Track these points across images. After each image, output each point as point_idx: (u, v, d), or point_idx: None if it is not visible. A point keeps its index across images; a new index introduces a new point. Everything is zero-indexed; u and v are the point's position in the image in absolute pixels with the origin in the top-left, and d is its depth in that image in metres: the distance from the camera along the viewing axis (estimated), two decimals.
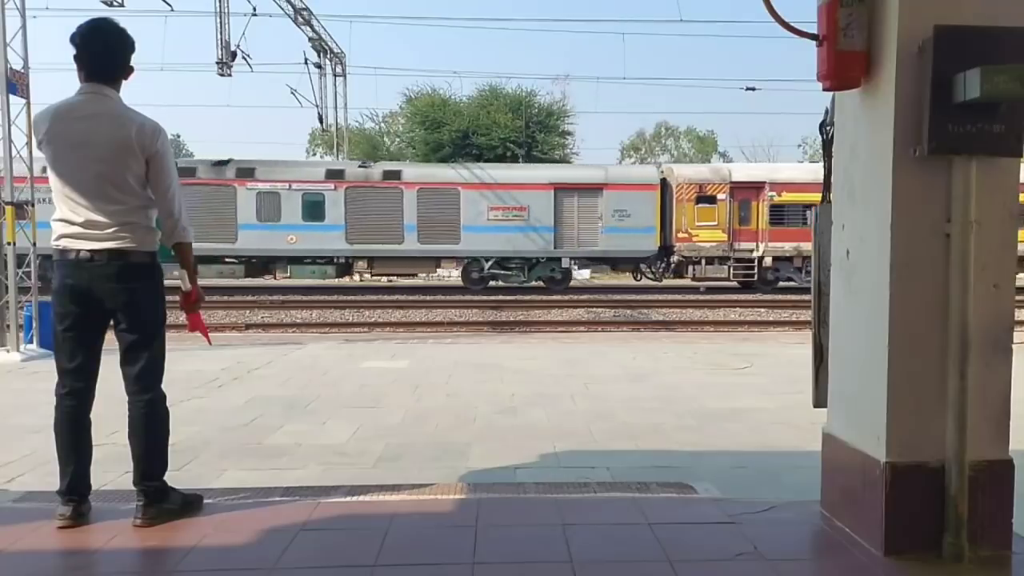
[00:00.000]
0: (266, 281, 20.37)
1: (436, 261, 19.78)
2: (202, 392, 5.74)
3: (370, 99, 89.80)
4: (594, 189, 19.33)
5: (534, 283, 19.83)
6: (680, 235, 19.42)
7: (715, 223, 19.43)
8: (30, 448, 4.06)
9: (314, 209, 19.00)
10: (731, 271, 19.72)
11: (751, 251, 19.51)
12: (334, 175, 19.22)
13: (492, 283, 19.76)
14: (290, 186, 18.99)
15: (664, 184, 19.67)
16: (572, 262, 20.51)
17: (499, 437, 4.42)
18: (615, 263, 20.55)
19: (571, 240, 19.39)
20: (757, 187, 19.41)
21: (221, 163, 19.24)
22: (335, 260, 19.45)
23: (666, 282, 21.35)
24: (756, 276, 19.52)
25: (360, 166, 19.97)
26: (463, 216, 19.07)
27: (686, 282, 21.06)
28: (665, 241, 19.60)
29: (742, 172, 20.46)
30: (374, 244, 19.15)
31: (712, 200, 19.38)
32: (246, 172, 19.10)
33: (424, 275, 21.52)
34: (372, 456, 4.02)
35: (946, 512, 2.46)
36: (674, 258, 19.65)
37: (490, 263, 19.42)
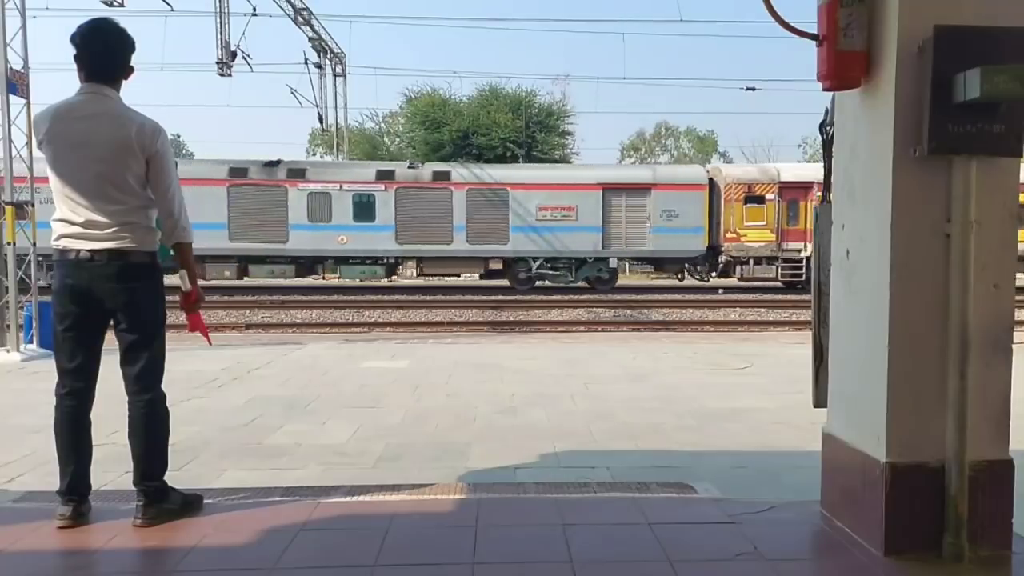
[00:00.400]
0: (266, 281, 20.37)
1: (484, 261, 19.80)
2: (202, 392, 5.74)
3: (370, 99, 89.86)
4: (642, 189, 19.38)
5: (580, 283, 19.87)
6: (728, 235, 19.42)
7: (764, 223, 19.45)
8: (30, 448, 4.06)
9: (364, 210, 19.08)
10: (779, 271, 19.70)
11: (799, 251, 19.45)
12: (384, 176, 19.31)
13: (539, 283, 19.81)
14: (341, 187, 19.07)
15: (712, 184, 19.66)
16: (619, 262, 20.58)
17: (499, 437, 4.42)
18: (662, 263, 20.56)
19: (619, 240, 19.42)
20: (806, 187, 19.35)
21: (272, 164, 19.36)
22: (384, 260, 19.55)
23: (667, 282, 21.38)
24: (804, 276, 19.41)
25: (410, 167, 20.06)
26: (511, 216, 19.13)
27: (685, 282, 21.06)
28: (713, 241, 19.62)
29: (791, 172, 20.39)
30: (423, 244, 19.23)
31: (761, 200, 19.37)
32: (297, 173, 19.22)
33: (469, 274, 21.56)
34: (372, 456, 4.02)
35: (946, 512, 2.46)
36: (722, 258, 19.66)
37: (538, 263, 19.47)
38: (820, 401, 3.06)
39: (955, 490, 2.44)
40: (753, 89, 25.22)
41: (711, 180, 19.75)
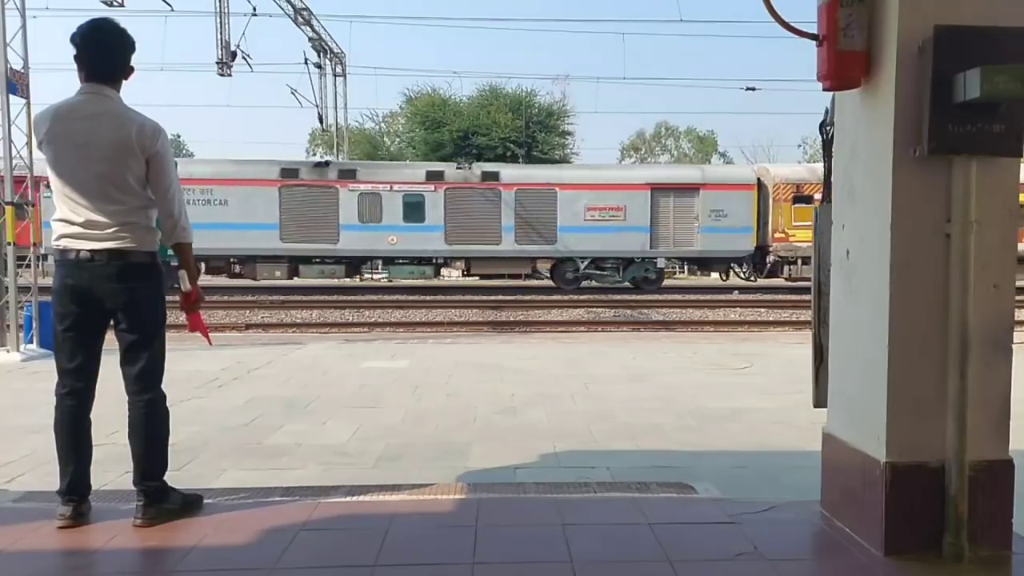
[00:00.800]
0: (266, 281, 20.36)
1: (532, 261, 19.88)
2: (202, 392, 5.74)
3: (370, 99, 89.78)
4: (691, 189, 19.40)
5: (627, 283, 19.88)
6: (776, 235, 19.41)
7: (812, 223, 19.41)
8: (30, 448, 4.06)
9: (414, 210, 19.12)
10: None
11: None
12: (434, 176, 19.36)
13: (585, 283, 19.83)
14: (391, 187, 19.14)
15: (760, 184, 19.67)
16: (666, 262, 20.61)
17: (499, 437, 4.42)
18: (710, 263, 20.56)
19: (667, 240, 19.43)
20: None
21: (322, 164, 19.51)
22: (433, 260, 19.63)
23: (667, 282, 21.36)
24: None
25: (459, 167, 20.11)
26: (560, 216, 19.16)
27: (688, 282, 21.06)
28: (761, 241, 19.63)
29: None
30: (472, 245, 19.29)
31: (809, 200, 19.27)
32: (348, 173, 19.30)
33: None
34: (372, 456, 4.02)
35: (946, 512, 2.46)
36: (770, 258, 19.66)
37: (586, 263, 19.52)
38: (820, 401, 3.06)
39: (955, 490, 2.44)
40: (753, 89, 25.23)
41: (759, 180, 19.75)
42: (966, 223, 2.40)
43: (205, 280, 20.06)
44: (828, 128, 3.04)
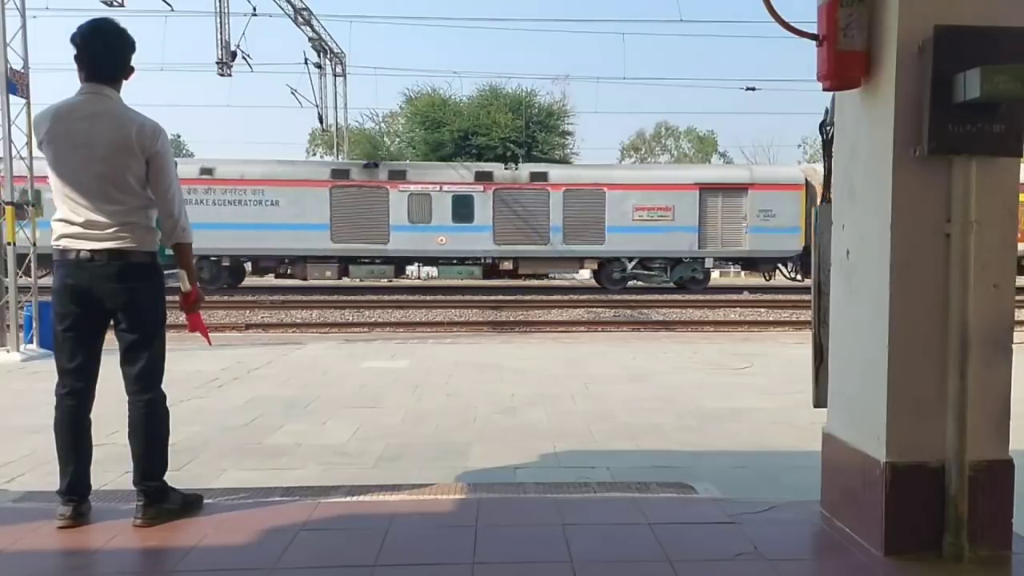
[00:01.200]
0: (266, 281, 20.37)
1: (579, 261, 19.91)
2: (202, 392, 5.74)
3: (370, 99, 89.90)
4: (739, 189, 19.43)
5: (673, 283, 19.88)
6: None
7: None
8: (30, 448, 4.06)
9: (463, 210, 19.23)
10: None
11: None
12: (483, 177, 19.47)
13: (631, 283, 19.87)
14: (441, 188, 19.24)
15: (808, 185, 19.62)
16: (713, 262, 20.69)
17: (499, 437, 4.42)
18: (757, 263, 20.57)
19: (715, 240, 19.47)
20: None
21: (372, 165, 19.65)
22: (482, 260, 19.70)
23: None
24: None
25: (506, 167, 20.21)
26: (608, 216, 19.19)
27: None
28: (808, 241, 19.54)
29: None
30: (520, 245, 19.37)
31: None
32: (398, 174, 19.42)
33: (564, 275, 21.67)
34: (372, 456, 4.02)
35: (946, 512, 2.46)
36: None
37: (633, 263, 19.56)
38: (820, 401, 3.06)
39: (955, 490, 2.44)
40: (753, 89, 25.21)
41: (807, 180, 19.72)
42: (966, 223, 2.40)
43: (253, 281, 20.22)
44: (828, 128, 3.04)
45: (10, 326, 7.70)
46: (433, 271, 19.94)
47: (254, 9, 20.42)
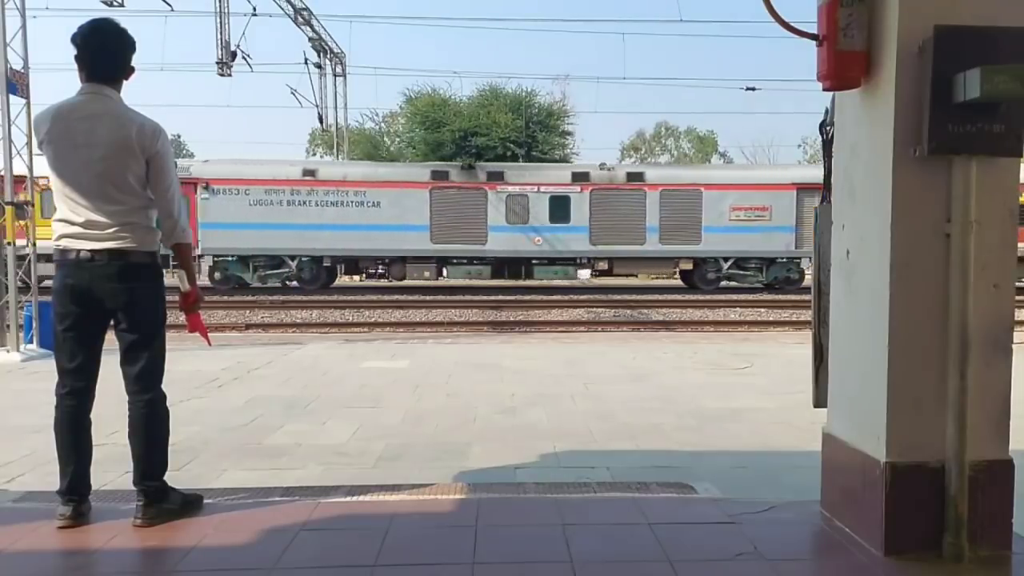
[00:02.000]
0: (259, 282, 20.36)
1: (675, 261, 19.88)
2: (202, 392, 5.74)
3: (370, 99, 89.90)
4: None
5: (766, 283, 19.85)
6: None
7: None
8: (30, 448, 4.06)
9: (560, 211, 19.28)
10: None
11: None
12: (580, 178, 19.49)
13: (724, 283, 19.83)
14: (538, 189, 19.31)
15: None
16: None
17: (499, 437, 4.42)
18: None
19: (812, 240, 19.40)
20: None
21: (470, 166, 19.74)
22: (578, 261, 19.74)
23: (667, 282, 21.38)
24: None
25: (602, 168, 20.20)
26: (704, 216, 19.18)
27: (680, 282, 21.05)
28: None
29: None
30: (616, 245, 19.39)
31: None
32: (496, 175, 19.50)
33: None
34: (372, 456, 4.02)
35: (946, 512, 2.46)
36: None
37: (729, 263, 19.52)
38: (820, 401, 3.06)
39: (955, 490, 2.44)
40: (753, 89, 25.24)
41: None
42: (966, 223, 2.40)
43: (344, 282, 20.41)
44: (828, 128, 3.04)
45: (10, 326, 7.70)
46: (444, 269, 19.91)
47: (254, 9, 20.47)
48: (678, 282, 21.18)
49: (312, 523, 2.89)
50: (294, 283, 19.51)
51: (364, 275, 20.25)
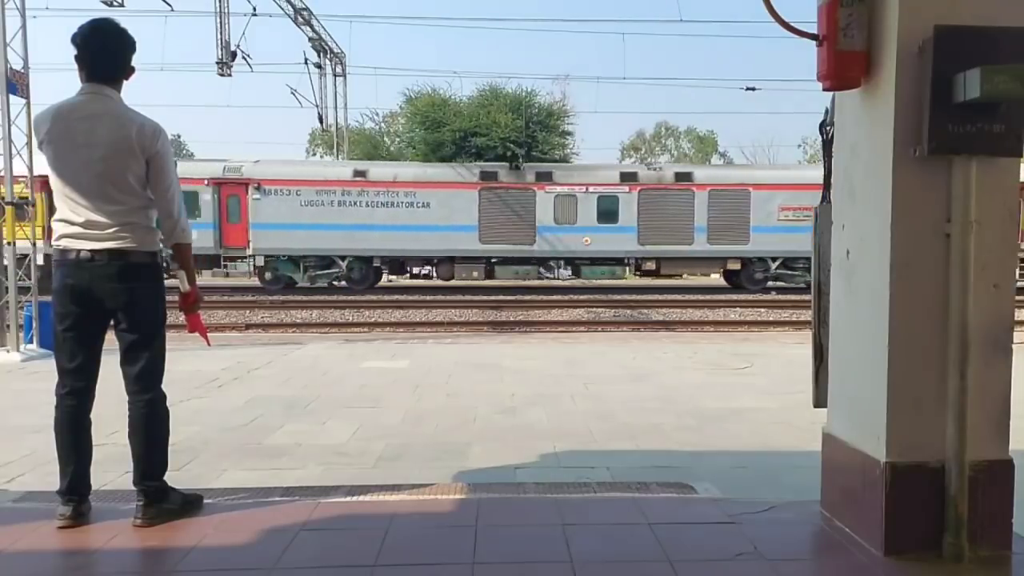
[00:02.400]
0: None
1: (723, 262, 19.93)
2: (202, 392, 5.74)
3: (370, 99, 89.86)
4: None
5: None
6: None
7: None
8: (30, 448, 4.06)
9: (608, 211, 19.37)
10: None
11: None
12: (628, 178, 19.62)
13: (772, 283, 19.85)
14: (587, 189, 19.41)
15: None
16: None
17: (499, 437, 4.42)
18: None
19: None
20: None
21: (518, 166, 19.90)
22: (626, 261, 19.84)
23: (667, 282, 21.38)
24: None
25: (650, 168, 20.32)
26: (753, 216, 19.23)
27: (686, 282, 21.07)
28: None
29: None
30: (664, 245, 19.44)
31: None
32: (544, 176, 19.63)
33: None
34: (372, 456, 4.02)
35: (946, 512, 2.46)
36: None
37: (777, 263, 19.56)
38: (820, 401, 3.06)
39: (955, 490, 2.44)
40: (753, 89, 25.22)
41: None
42: (966, 223, 2.40)
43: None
44: (828, 128, 3.04)
45: (10, 326, 7.70)
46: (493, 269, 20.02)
47: (254, 9, 20.47)
48: (679, 282, 21.19)
49: (312, 523, 2.89)
50: (342, 283, 19.64)
51: (409, 275, 20.30)
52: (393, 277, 21.19)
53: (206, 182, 18.67)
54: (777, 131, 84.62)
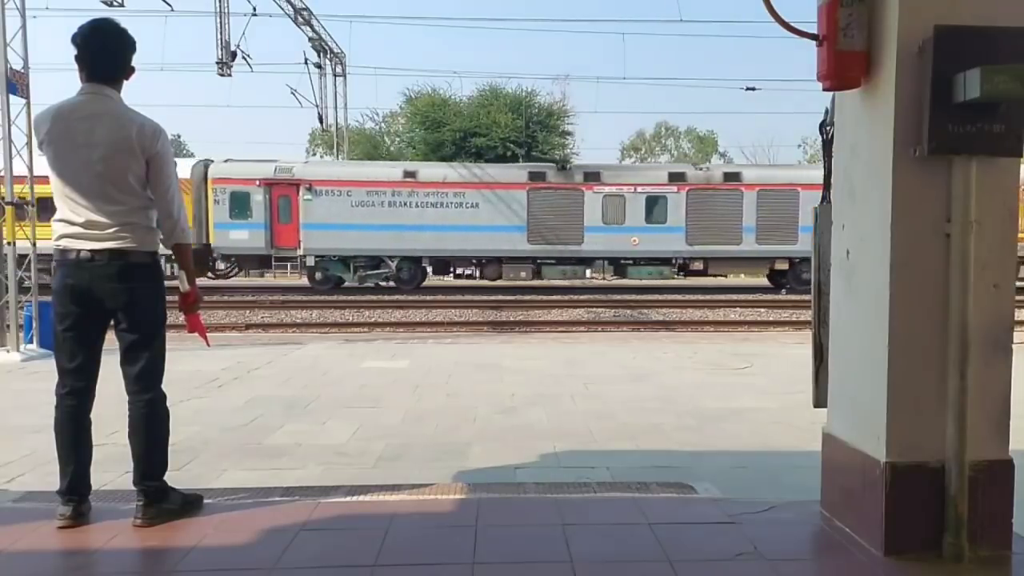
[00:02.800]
0: (266, 281, 20.39)
1: (770, 261, 19.97)
2: (202, 392, 5.74)
3: (370, 99, 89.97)
4: None
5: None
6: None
7: None
8: (30, 448, 4.06)
9: (656, 211, 19.39)
10: None
11: None
12: (676, 178, 19.58)
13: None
14: (635, 189, 19.43)
15: None
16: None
17: (499, 437, 4.42)
18: None
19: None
20: None
21: (565, 167, 19.97)
22: (674, 261, 19.80)
23: (667, 282, 21.37)
24: None
25: (698, 168, 20.29)
26: (802, 216, 19.17)
27: (685, 282, 21.07)
28: None
29: None
30: (713, 245, 19.45)
31: None
32: (593, 176, 19.65)
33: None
34: (372, 456, 4.02)
35: (946, 512, 2.46)
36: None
37: None
38: (820, 401, 3.06)
39: (955, 490, 2.44)
40: (753, 89, 25.24)
41: None
42: (966, 223, 2.40)
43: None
44: (828, 128, 3.04)
45: (10, 326, 7.70)
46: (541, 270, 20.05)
47: (254, 9, 20.45)
48: (678, 282, 21.18)
49: (312, 523, 2.89)
50: (391, 283, 19.72)
51: (453, 275, 20.36)
52: (436, 277, 21.19)
53: (257, 183, 18.71)
54: (777, 131, 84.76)
